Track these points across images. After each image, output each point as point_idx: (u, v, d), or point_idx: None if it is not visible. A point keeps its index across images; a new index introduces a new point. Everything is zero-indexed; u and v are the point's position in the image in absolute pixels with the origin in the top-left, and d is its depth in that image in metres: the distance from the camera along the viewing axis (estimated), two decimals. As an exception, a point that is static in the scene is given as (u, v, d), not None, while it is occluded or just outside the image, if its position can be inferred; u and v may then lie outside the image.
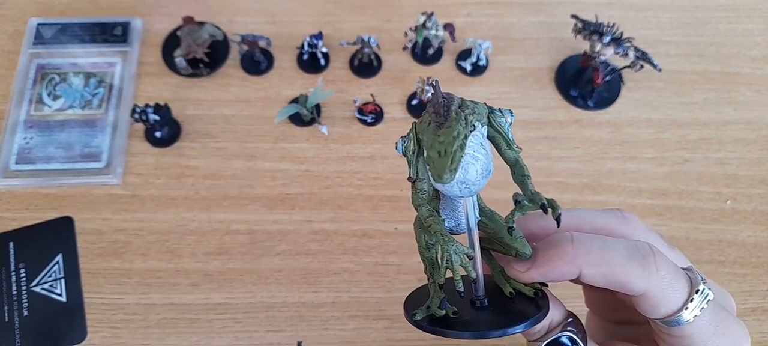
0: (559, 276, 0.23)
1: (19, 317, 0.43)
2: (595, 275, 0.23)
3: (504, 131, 0.22)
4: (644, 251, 0.23)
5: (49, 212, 0.47)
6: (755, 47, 0.56)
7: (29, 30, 0.55)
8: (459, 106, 0.22)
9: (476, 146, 0.21)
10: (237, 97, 0.53)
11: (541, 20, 0.57)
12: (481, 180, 0.22)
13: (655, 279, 0.23)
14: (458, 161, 0.21)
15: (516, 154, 0.23)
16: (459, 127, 0.21)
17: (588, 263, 0.23)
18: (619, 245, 0.23)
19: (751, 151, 0.51)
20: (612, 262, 0.23)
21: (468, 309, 0.24)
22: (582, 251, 0.23)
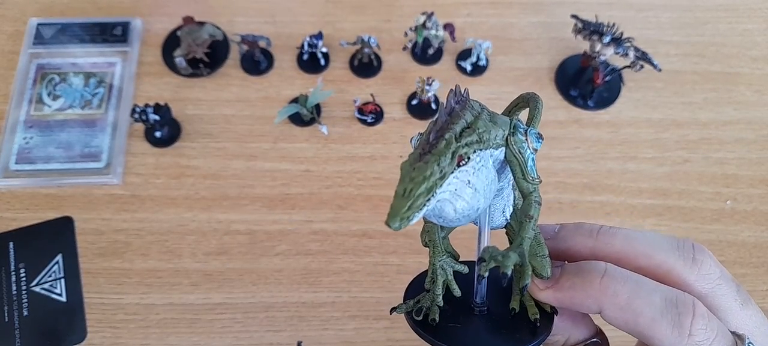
0: (577, 307, 0.21)
1: (19, 317, 0.43)
2: (617, 319, 0.21)
3: (522, 159, 0.20)
4: (683, 308, 0.20)
5: (49, 212, 0.47)
6: (755, 47, 0.56)
7: (29, 30, 0.55)
8: (461, 131, 0.19)
9: (460, 185, 0.18)
10: (237, 97, 0.53)
11: (541, 20, 0.57)
12: (463, 219, 0.19)
13: (685, 343, 0.20)
14: (418, 208, 0.18)
15: (531, 186, 0.20)
16: (435, 166, 0.18)
17: (613, 305, 0.20)
18: (655, 294, 0.20)
19: (751, 151, 0.51)
20: (640, 312, 0.20)
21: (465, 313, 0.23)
22: (610, 291, 0.20)
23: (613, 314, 0.21)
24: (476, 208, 0.19)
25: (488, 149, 0.19)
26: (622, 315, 0.20)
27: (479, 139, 0.19)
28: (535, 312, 0.22)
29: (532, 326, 0.22)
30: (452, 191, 0.18)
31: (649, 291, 0.20)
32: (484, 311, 0.23)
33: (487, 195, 0.19)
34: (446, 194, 0.18)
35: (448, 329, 0.22)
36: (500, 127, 0.20)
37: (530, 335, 0.22)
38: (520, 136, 0.20)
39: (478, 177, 0.19)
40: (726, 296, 0.22)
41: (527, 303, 0.22)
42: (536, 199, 0.20)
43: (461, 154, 0.18)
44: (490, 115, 0.20)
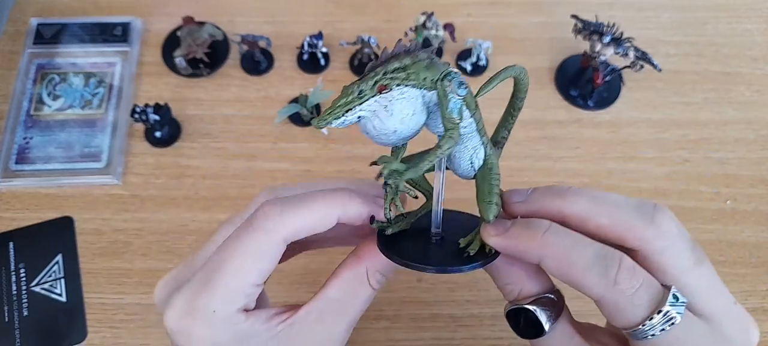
0: (520, 256, 0.24)
1: (19, 317, 0.43)
2: (553, 269, 0.24)
3: (445, 100, 0.23)
4: (610, 261, 0.23)
5: (49, 211, 0.47)
6: (755, 47, 0.56)
7: (29, 30, 0.55)
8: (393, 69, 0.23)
9: (378, 107, 0.23)
10: (237, 97, 0.53)
11: (541, 20, 0.57)
12: (384, 138, 0.24)
13: (611, 291, 0.23)
14: (335, 115, 0.23)
15: (449, 124, 0.23)
16: (354, 87, 0.23)
17: (550, 255, 0.23)
18: (588, 248, 0.23)
19: (751, 151, 0.51)
20: (573, 262, 0.23)
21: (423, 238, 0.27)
22: (548, 243, 0.23)
23: (550, 265, 0.23)
24: (392, 129, 0.23)
25: (417, 88, 0.23)
26: (557, 265, 0.23)
27: (406, 77, 0.23)
28: (474, 248, 0.26)
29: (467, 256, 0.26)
30: (371, 111, 0.23)
31: (583, 246, 0.23)
32: (438, 240, 0.27)
33: (406, 123, 0.23)
34: (366, 112, 0.23)
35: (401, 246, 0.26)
36: (431, 72, 0.23)
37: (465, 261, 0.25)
38: (446, 82, 0.23)
39: (396, 106, 0.23)
40: (680, 253, 0.24)
41: (474, 242, 0.26)
42: (450, 135, 0.23)
43: (383, 84, 0.23)
44: (429, 63, 0.23)
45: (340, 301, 0.26)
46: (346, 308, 0.26)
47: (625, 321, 0.23)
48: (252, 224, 0.24)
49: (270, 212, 0.24)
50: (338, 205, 0.25)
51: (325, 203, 0.25)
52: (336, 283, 0.27)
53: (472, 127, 0.25)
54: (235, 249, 0.24)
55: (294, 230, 0.24)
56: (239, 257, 0.24)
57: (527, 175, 0.49)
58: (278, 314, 0.26)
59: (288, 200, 0.25)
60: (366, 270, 0.26)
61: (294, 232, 0.25)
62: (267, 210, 0.24)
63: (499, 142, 0.29)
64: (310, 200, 0.25)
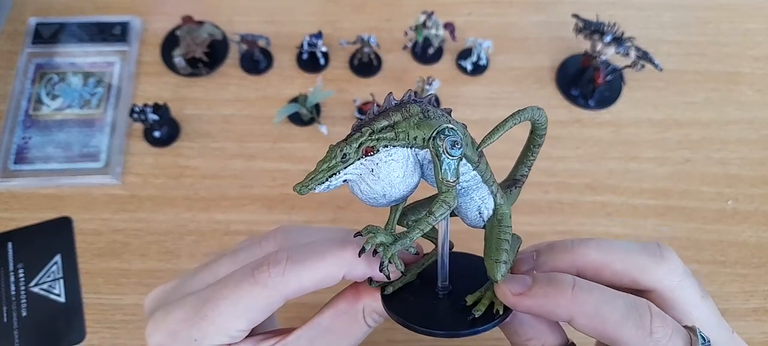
0: (546, 314, 0.23)
1: (18, 318, 0.43)
2: (586, 326, 0.22)
3: (438, 161, 0.22)
4: (642, 309, 0.22)
5: (48, 212, 0.47)
6: (757, 47, 0.56)
7: (28, 29, 0.55)
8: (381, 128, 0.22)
9: (364, 171, 0.22)
10: (236, 97, 0.53)
11: (542, 19, 0.57)
12: (371, 201, 0.22)
13: (648, 341, 0.22)
14: (318, 182, 0.22)
15: (443, 187, 0.22)
16: (337, 150, 0.22)
17: (582, 313, 0.22)
18: (618, 300, 0.22)
19: (752, 151, 0.51)
20: (606, 318, 0.22)
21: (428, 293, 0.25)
22: (579, 300, 0.22)
23: (583, 322, 0.22)
24: (381, 193, 0.22)
25: (406, 148, 0.22)
26: (590, 322, 0.22)
27: (394, 137, 0.22)
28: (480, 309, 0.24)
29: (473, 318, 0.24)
30: (357, 174, 0.22)
31: (613, 297, 0.23)
32: (445, 296, 0.25)
33: (396, 185, 0.22)
34: (351, 176, 0.22)
35: (405, 302, 0.25)
36: (423, 130, 0.22)
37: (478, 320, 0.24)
38: (439, 141, 0.22)
39: (384, 169, 0.22)
40: (690, 289, 0.25)
41: (482, 300, 0.25)
42: (444, 199, 0.22)
43: (369, 146, 0.22)
44: (421, 119, 0.22)
45: (332, 332, 0.25)
46: (337, 341, 0.26)
47: None
48: (254, 276, 0.24)
49: (274, 270, 0.23)
50: (344, 264, 0.24)
51: (331, 262, 0.24)
52: (330, 313, 0.26)
53: (476, 179, 0.23)
54: (231, 293, 0.24)
55: (296, 290, 0.24)
56: (233, 302, 0.23)
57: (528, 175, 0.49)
58: (265, 340, 0.25)
59: (293, 257, 0.24)
60: (363, 308, 0.25)
61: (296, 291, 0.24)
62: (271, 267, 0.24)
63: (518, 180, 0.28)
64: (316, 259, 0.24)
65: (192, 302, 0.24)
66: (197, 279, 0.26)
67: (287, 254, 0.24)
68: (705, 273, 0.45)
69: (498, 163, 0.25)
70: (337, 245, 0.24)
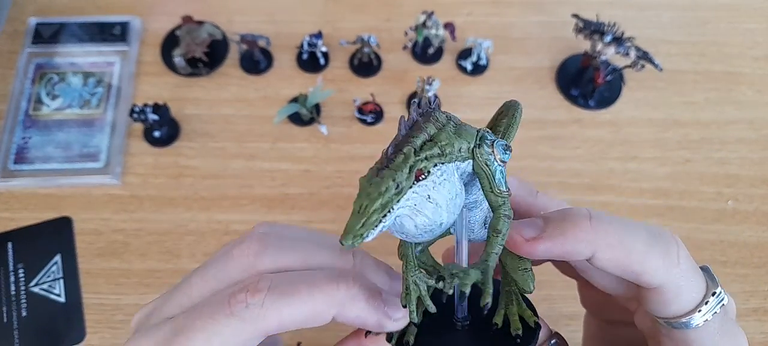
0: (568, 254, 0.20)
1: (18, 318, 0.43)
2: (610, 259, 0.20)
3: (489, 171, 0.19)
4: (667, 238, 0.21)
5: (48, 212, 0.47)
6: (756, 47, 0.56)
7: (28, 29, 0.55)
8: (422, 144, 0.18)
9: (420, 199, 0.18)
10: (236, 97, 0.52)
11: (542, 19, 0.57)
12: (425, 235, 0.19)
13: (675, 272, 0.20)
14: (372, 226, 0.17)
15: (499, 200, 0.19)
16: (390, 182, 0.17)
17: (605, 245, 0.20)
18: (641, 229, 0.21)
19: (752, 151, 0.51)
20: (631, 246, 0.20)
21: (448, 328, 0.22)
22: (601, 230, 0.20)
23: (607, 255, 0.20)
24: (439, 222, 0.18)
25: (452, 162, 0.19)
26: (614, 253, 0.20)
27: (441, 153, 0.18)
28: (517, 327, 0.22)
29: (513, 340, 0.21)
30: (411, 206, 0.18)
31: (635, 226, 0.21)
32: (467, 326, 0.22)
33: (451, 209, 0.19)
34: (405, 210, 0.18)
35: (429, 344, 0.21)
36: (465, 139, 0.19)
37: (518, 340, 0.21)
38: (486, 148, 0.19)
39: (440, 192, 0.18)
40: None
41: (511, 318, 0.22)
42: (505, 212, 0.19)
43: (420, 169, 0.18)
44: (456, 127, 0.19)
45: None
46: None
47: (679, 308, 0.21)
48: (230, 305, 0.20)
49: (252, 300, 0.20)
50: (334, 304, 0.21)
51: (319, 299, 0.20)
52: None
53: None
54: (204, 325, 0.20)
55: (276, 325, 0.20)
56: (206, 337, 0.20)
57: (528, 175, 0.49)
58: None
59: (277, 288, 0.20)
60: None
61: (276, 327, 0.20)
62: (250, 296, 0.20)
63: None
64: (303, 293, 0.20)
65: (164, 331, 0.21)
66: (172, 302, 0.23)
67: (270, 282, 0.20)
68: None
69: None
70: (328, 281, 0.21)
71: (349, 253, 0.23)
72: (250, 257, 0.22)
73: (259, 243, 0.22)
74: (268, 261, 0.22)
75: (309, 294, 0.20)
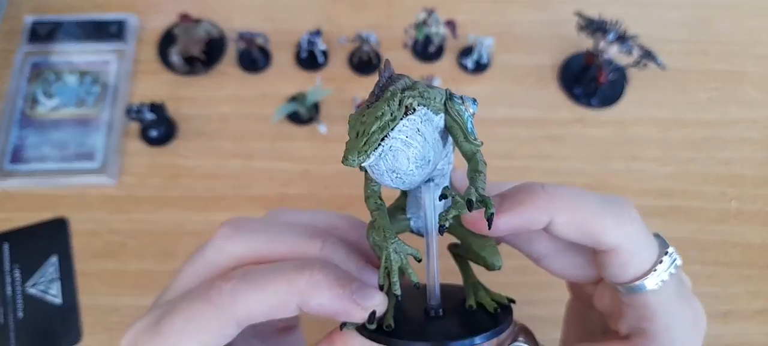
0: (527, 223, 0.21)
1: (14, 319, 0.42)
2: (567, 223, 0.21)
3: (462, 121, 0.20)
4: (620, 201, 0.22)
5: (44, 212, 0.47)
6: (760, 46, 0.56)
7: (24, 28, 0.54)
8: (403, 88, 0.19)
9: (410, 131, 0.19)
10: (234, 96, 0.52)
11: (544, 17, 0.57)
12: (416, 171, 0.19)
13: (629, 231, 0.21)
14: (374, 144, 0.18)
15: (474, 147, 0.20)
16: (385, 107, 0.18)
17: (561, 208, 0.21)
18: (592, 195, 0.22)
19: (756, 151, 0.50)
20: (586, 209, 0.21)
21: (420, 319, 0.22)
22: (555, 197, 0.21)
23: (564, 218, 0.21)
24: (427, 159, 0.19)
25: (429, 108, 0.20)
26: (572, 216, 0.21)
27: (421, 96, 0.19)
28: (493, 305, 0.23)
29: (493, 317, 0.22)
30: (403, 138, 0.19)
31: (587, 193, 0.22)
32: (440, 314, 0.22)
33: (436, 148, 0.20)
34: (398, 140, 0.19)
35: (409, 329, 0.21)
36: (437, 92, 0.20)
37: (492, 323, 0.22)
38: (456, 99, 0.20)
39: (426, 127, 0.19)
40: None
41: (484, 300, 0.23)
42: (481, 159, 0.20)
43: (407, 104, 0.19)
44: (425, 84, 0.20)
45: None
46: None
47: (636, 269, 0.22)
48: (207, 292, 0.21)
49: (225, 286, 0.21)
50: (296, 292, 0.20)
51: (281, 287, 0.20)
52: None
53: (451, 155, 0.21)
54: (184, 309, 0.21)
55: (245, 315, 0.21)
56: (185, 320, 0.21)
57: (530, 175, 0.49)
58: None
59: (246, 276, 0.21)
60: None
61: (246, 317, 0.21)
62: (223, 283, 0.21)
63: None
64: (267, 281, 0.21)
65: (155, 313, 0.22)
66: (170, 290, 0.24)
67: (242, 272, 0.21)
68: (708, 274, 0.45)
69: (499, 163, 0.25)
70: (291, 269, 0.21)
71: (317, 238, 0.23)
72: (221, 239, 0.23)
73: (230, 226, 0.24)
74: (237, 242, 0.23)
75: (273, 282, 0.21)
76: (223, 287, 0.21)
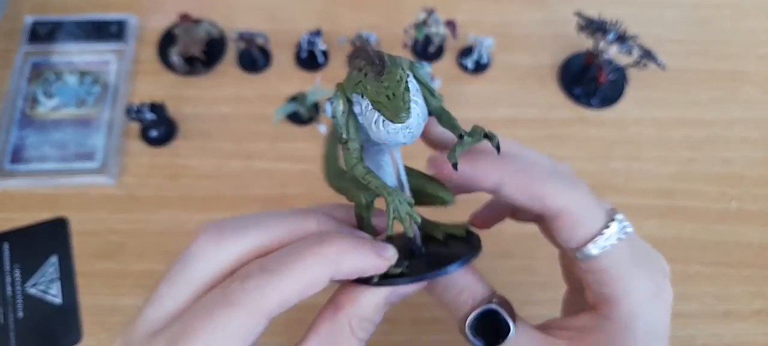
0: (478, 178, 0.23)
1: (14, 319, 0.42)
2: (515, 185, 0.23)
3: (426, 81, 0.22)
4: (568, 170, 0.23)
5: (44, 212, 0.47)
6: (760, 45, 0.56)
7: (24, 28, 0.54)
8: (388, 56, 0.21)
9: (414, 90, 0.21)
10: (234, 96, 0.52)
11: (544, 17, 0.57)
12: (421, 124, 0.21)
13: (575, 195, 0.23)
14: (408, 101, 0.20)
15: (439, 102, 0.23)
16: (399, 71, 0.21)
17: (510, 172, 0.23)
18: (544, 160, 0.23)
19: (756, 151, 0.50)
20: (533, 173, 0.23)
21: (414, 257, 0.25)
22: (506, 160, 0.23)
23: (512, 181, 0.23)
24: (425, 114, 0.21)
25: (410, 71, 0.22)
26: (520, 179, 0.23)
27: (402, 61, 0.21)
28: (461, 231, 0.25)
29: (466, 240, 0.25)
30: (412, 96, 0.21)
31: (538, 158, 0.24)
32: (424, 252, 0.25)
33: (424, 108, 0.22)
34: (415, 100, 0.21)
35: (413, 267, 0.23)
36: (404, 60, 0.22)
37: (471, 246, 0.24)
38: (417, 65, 0.22)
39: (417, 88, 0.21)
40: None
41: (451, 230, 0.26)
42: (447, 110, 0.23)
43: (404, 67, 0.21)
44: None
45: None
46: None
47: (584, 232, 0.23)
48: (227, 297, 0.20)
49: (249, 285, 0.20)
50: (330, 263, 0.21)
51: (313, 262, 0.21)
52: (314, 339, 0.22)
53: None
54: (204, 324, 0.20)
55: (279, 303, 0.20)
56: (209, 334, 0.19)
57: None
58: None
59: (267, 266, 0.21)
60: (349, 321, 0.22)
61: (279, 304, 0.20)
62: (244, 282, 0.20)
63: None
64: (295, 263, 0.20)
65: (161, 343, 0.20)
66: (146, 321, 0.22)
67: (259, 265, 0.21)
68: (708, 274, 0.45)
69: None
70: (315, 243, 0.21)
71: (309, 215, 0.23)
72: (210, 242, 0.22)
73: (214, 232, 0.22)
74: (231, 241, 0.22)
75: (302, 262, 0.21)
76: (247, 285, 0.20)
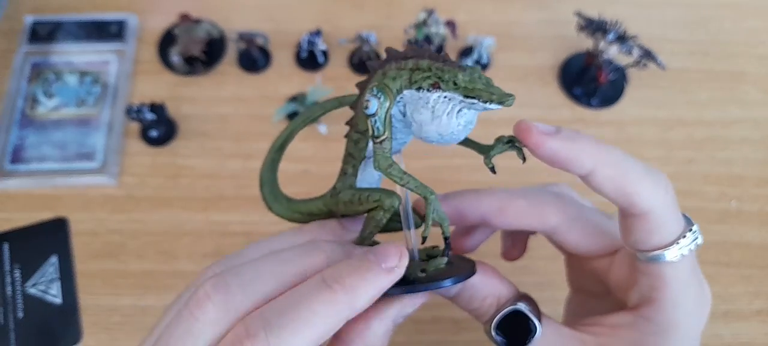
0: (571, 161, 0.23)
1: (14, 320, 0.42)
2: (608, 176, 0.22)
3: None
4: (660, 173, 0.23)
5: (44, 212, 0.46)
6: (760, 45, 0.56)
7: (24, 28, 0.54)
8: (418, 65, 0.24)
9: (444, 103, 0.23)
10: (234, 96, 0.52)
11: (545, 17, 0.57)
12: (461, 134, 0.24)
13: (662, 200, 0.22)
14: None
15: None
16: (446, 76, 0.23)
17: (606, 162, 0.22)
18: (637, 160, 0.23)
19: (756, 151, 0.50)
20: (628, 169, 0.22)
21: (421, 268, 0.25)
22: (604, 150, 0.22)
23: (605, 171, 0.22)
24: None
25: None
26: (613, 171, 0.22)
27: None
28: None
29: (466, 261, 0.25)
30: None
31: (633, 158, 0.23)
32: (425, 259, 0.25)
33: None
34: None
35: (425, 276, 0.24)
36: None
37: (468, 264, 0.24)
38: None
39: None
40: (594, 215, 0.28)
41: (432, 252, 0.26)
42: None
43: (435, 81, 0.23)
44: None
45: None
46: None
47: (660, 238, 0.23)
48: None
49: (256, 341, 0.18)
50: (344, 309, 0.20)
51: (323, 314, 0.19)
52: None
53: None
54: None
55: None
56: None
57: (531, 175, 0.48)
58: None
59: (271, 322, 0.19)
60: None
61: None
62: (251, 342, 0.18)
63: None
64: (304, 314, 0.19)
65: None
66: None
67: (262, 319, 0.19)
68: (708, 274, 0.44)
69: (500, 164, 0.25)
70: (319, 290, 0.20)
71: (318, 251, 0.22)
72: (218, 306, 0.20)
73: (219, 286, 0.20)
74: (239, 300, 0.20)
75: (311, 312, 0.19)
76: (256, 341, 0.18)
